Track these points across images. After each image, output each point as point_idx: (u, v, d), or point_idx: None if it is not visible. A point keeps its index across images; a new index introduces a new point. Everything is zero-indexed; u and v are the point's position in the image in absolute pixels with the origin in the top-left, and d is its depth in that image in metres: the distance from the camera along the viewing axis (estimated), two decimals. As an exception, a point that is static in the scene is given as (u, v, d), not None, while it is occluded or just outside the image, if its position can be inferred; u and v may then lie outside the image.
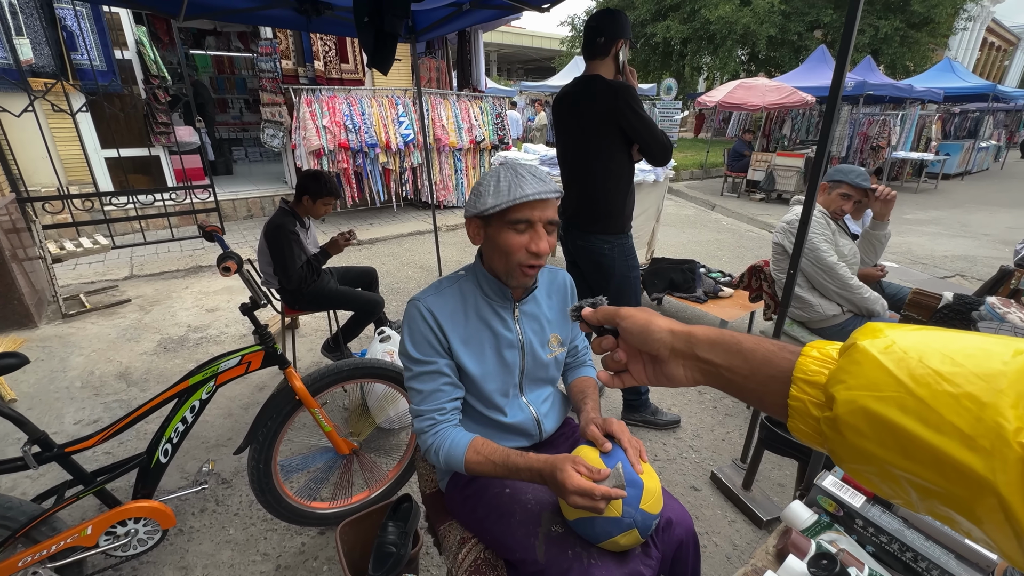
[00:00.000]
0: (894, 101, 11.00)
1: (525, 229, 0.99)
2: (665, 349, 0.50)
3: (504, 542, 1.01)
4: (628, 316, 0.54)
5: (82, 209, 4.46)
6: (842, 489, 0.68)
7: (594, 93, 1.93)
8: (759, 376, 0.42)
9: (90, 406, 2.55)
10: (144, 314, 3.68)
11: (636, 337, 0.52)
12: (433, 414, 1.04)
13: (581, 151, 2.05)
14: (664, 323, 0.51)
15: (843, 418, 0.32)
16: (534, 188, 0.96)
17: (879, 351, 0.32)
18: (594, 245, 2.09)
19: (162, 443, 1.46)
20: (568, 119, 2.07)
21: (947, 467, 0.28)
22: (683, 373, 0.49)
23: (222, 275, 1.37)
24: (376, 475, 1.93)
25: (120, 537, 1.42)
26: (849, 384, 0.33)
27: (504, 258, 1.01)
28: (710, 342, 0.46)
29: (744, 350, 0.44)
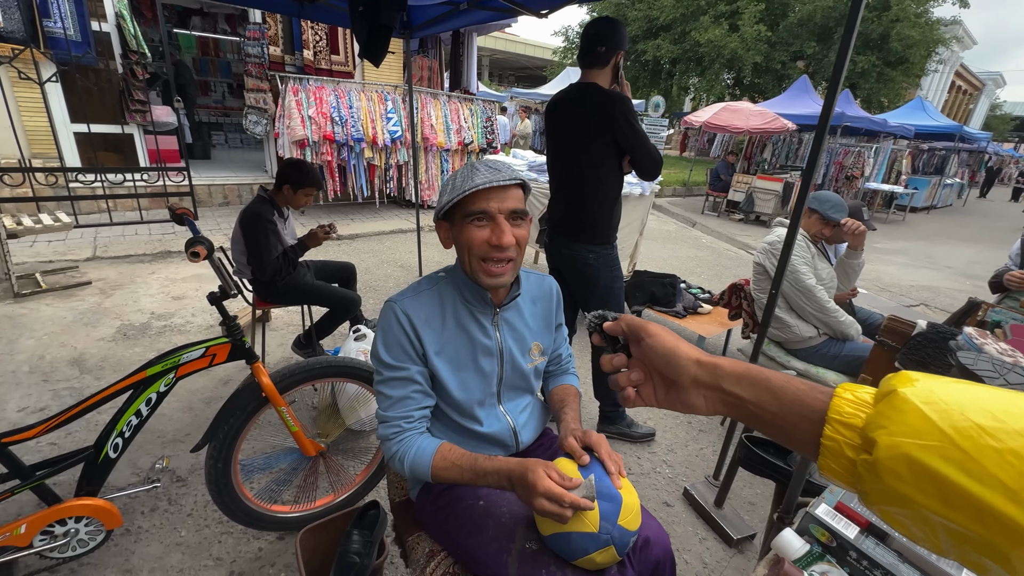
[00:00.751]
0: (869, 134, 11.45)
1: (485, 223, 0.95)
2: (687, 378, 0.50)
3: (475, 557, 0.96)
4: (655, 334, 0.53)
5: (45, 184, 4.22)
6: (835, 519, 0.66)
7: (590, 101, 1.90)
8: (789, 415, 0.42)
9: (37, 393, 2.39)
10: (105, 298, 3.49)
11: (659, 358, 0.52)
12: (400, 421, 1.00)
13: (572, 158, 2.02)
14: (691, 352, 0.51)
15: (884, 463, 0.33)
16: (484, 177, 0.92)
17: (921, 401, 0.34)
18: (579, 254, 2.07)
19: (112, 437, 1.36)
20: (561, 126, 2.04)
21: (988, 517, 0.29)
22: (703, 403, 0.50)
23: (190, 260, 1.29)
24: (343, 479, 1.85)
25: (58, 537, 1.32)
26: (891, 430, 0.34)
27: (468, 256, 0.97)
28: (737, 376, 0.47)
29: (773, 387, 0.44)
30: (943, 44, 15.08)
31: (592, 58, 1.92)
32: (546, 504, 0.81)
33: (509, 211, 0.94)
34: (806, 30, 14.00)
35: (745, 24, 13.35)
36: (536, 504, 0.82)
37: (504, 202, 0.94)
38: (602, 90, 1.89)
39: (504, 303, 1.07)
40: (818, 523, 0.66)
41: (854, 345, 2.19)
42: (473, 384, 1.05)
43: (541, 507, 0.81)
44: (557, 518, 0.82)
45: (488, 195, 0.93)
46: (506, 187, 0.94)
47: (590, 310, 2.15)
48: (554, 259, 2.22)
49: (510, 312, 1.10)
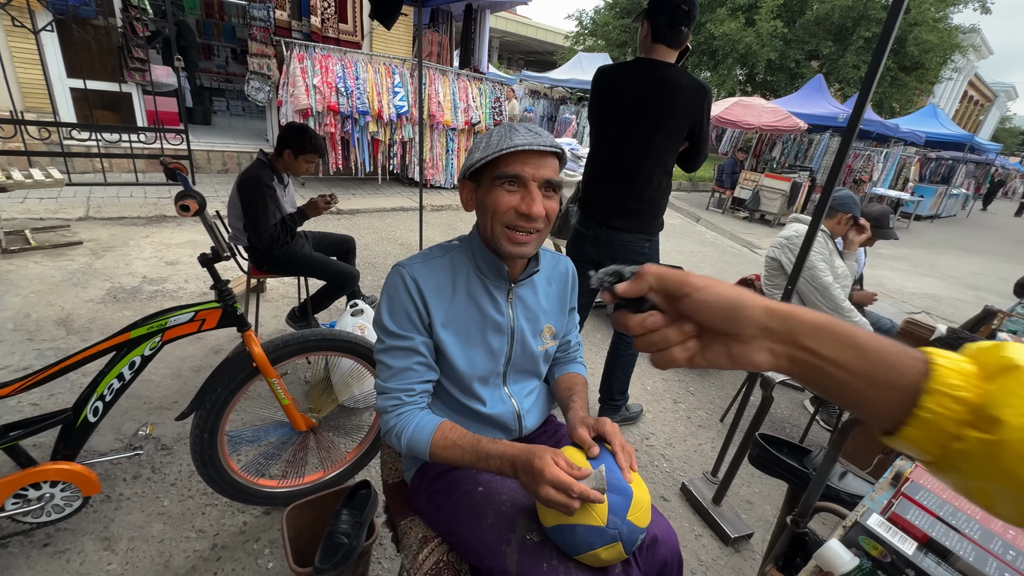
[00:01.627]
0: (879, 138, 11.32)
1: (516, 188, 0.87)
2: (754, 328, 0.42)
3: (472, 546, 0.90)
4: (705, 287, 0.43)
5: (38, 138, 4.08)
6: (890, 531, 0.60)
7: (677, 86, 1.74)
8: (874, 377, 0.37)
9: (21, 351, 2.31)
10: (96, 259, 3.40)
11: (718, 313, 0.43)
12: (400, 394, 0.93)
13: (640, 142, 1.83)
14: (758, 300, 0.43)
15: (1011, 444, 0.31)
16: (524, 139, 0.85)
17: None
18: (634, 244, 1.94)
19: (92, 400, 1.29)
20: (627, 104, 1.82)
21: None
22: (767, 359, 0.42)
23: (179, 214, 1.21)
24: (333, 456, 1.80)
25: (32, 502, 1.26)
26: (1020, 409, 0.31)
27: (491, 221, 0.90)
28: (816, 327, 0.40)
29: (859, 345, 0.38)
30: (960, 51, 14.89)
31: (672, 35, 1.75)
32: (553, 493, 0.75)
33: (543, 180, 0.87)
34: (823, 29, 13.77)
35: (762, 19, 13.10)
36: (542, 492, 0.76)
37: (540, 169, 0.87)
38: (690, 75, 1.76)
39: (520, 278, 1.00)
40: (870, 535, 0.60)
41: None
42: (479, 360, 0.99)
43: (547, 496, 0.75)
44: (563, 509, 0.76)
45: (525, 159, 0.86)
46: (544, 154, 0.87)
47: None
48: (592, 246, 2.01)
49: (525, 289, 1.02)
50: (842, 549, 0.57)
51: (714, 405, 2.72)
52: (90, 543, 1.48)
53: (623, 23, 16.09)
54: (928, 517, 0.62)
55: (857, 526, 0.62)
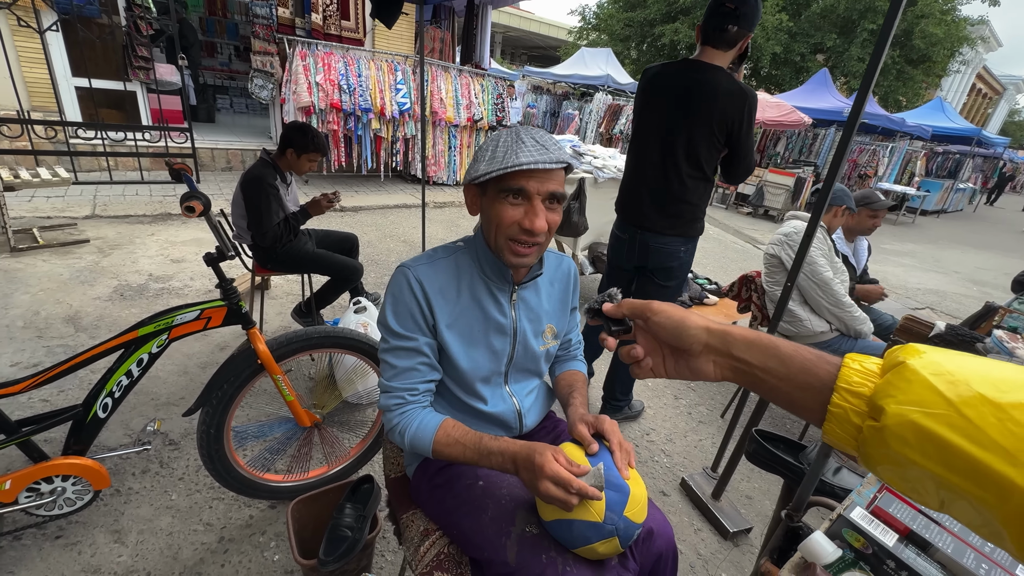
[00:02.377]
0: (884, 132, 11.24)
1: (520, 201, 0.87)
2: (699, 345, 0.52)
3: (472, 539, 0.92)
4: (661, 311, 0.55)
5: (44, 138, 4.12)
6: (872, 524, 0.61)
7: (717, 89, 1.70)
8: (795, 381, 0.44)
9: (31, 348, 2.35)
10: (102, 257, 3.44)
11: (668, 332, 0.54)
12: (404, 393, 0.95)
13: (678, 146, 1.81)
14: (699, 320, 0.53)
15: (891, 429, 0.36)
16: (531, 156, 0.84)
17: (930, 373, 0.36)
18: (671, 247, 1.93)
19: (101, 396, 1.32)
20: (669, 106, 1.80)
21: (984, 477, 0.32)
22: (712, 369, 0.51)
23: (185, 215, 1.23)
24: (337, 451, 1.83)
25: (44, 495, 1.29)
26: (899, 399, 0.36)
27: (494, 232, 0.91)
28: (747, 342, 0.49)
29: (782, 355, 0.46)
30: (968, 43, 14.72)
31: (719, 36, 1.70)
32: (552, 489, 0.77)
33: (547, 193, 0.87)
34: (828, 22, 13.64)
35: (767, 12, 12.99)
36: (541, 488, 0.78)
37: (545, 183, 0.86)
38: (733, 79, 1.71)
39: (524, 281, 1.01)
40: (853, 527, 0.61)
41: (865, 343, 2.15)
42: (482, 360, 1.00)
43: (546, 492, 0.77)
44: (562, 505, 0.78)
45: (530, 174, 0.86)
46: (550, 169, 0.86)
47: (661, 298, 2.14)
48: (629, 250, 2.03)
49: (528, 291, 1.04)
50: (825, 541, 0.58)
51: (715, 401, 2.74)
52: (101, 536, 1.52)
53: (627, 16, 15.99)
54: (910, 510, 0.63)
55: (841, 519, 0.64)
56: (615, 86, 11.76)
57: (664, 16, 14.99)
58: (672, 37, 14.37)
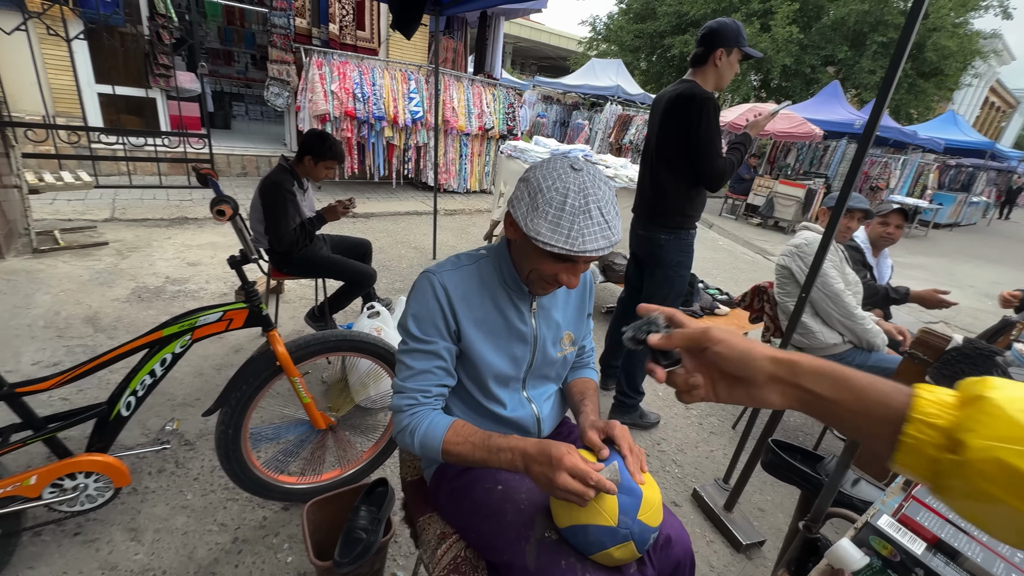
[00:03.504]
0: (896, 145, 11.18)
1: (565, 263, 0.89)
2: (763, 376, 0.51)
3: (491, 543, 0.93)
4: (722, 341, 0.53)
5: (67, 142, 4.22)
6: (899, 532, 0.61)
7: (675, 96, 1.99)
8: (872, 414, 0.43)
9: (52, 348, 2.40)
10: (121, 259, 3.50)
11: (731, 363, 0.52)
12: (417, 394, 0.96)
13: (654, 148, 2.14)
14: (765, 351, 0.52)
15: (974, 464, 0.35)
16: (597, 243, 0.81)
17: (1016, 409, 0.35)
18: (653, 236, 2.18)
19: (125, 395, 1.35)
20: (653, 117, 2.17)
21: None
22: (779, 399, 0.51)
23: (216, 219, 1.26)
24: (350, 455, 1.84)
25: (67, 491, 1.31)
26: (981, 434, 0.36)
27: (529, 271, 0.94)
28: (815, 372, 0.48)
29: (855, 387, 0.45)
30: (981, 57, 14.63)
31: (693, 58, 2.03)
32: (570, 481, 0.76)
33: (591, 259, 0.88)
34: (839, 34, 13.64)
35: (777, 24, 13.03)
36: (559, 480, 0.77)
37: (594, 254, 0.84)
38: (689, 87, 1.95)
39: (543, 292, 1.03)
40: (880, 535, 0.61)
41: (880, 356, 2.13)
42: (502, 367, 1.02)
43: (564, 483, 0.77)
44: (578, 499, 0.77)
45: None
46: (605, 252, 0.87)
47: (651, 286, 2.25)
48: (632, 242, 2.38)
49: (547, 299, 1.06)
50: (853, 548, 0.59)
51: (726, 412, 2.72)
52: (118, 533, 1.54)
53: (637, 28, 16.10)
54: (937, 519, 0.63)
55: (868, 526, 0.64)
56: (625, 97, 11.82)
57: (674, 28, 15.08)
58: (682, 49, 14.44)
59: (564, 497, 0.79)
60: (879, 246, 2.56)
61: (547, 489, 0.81)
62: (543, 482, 0.81)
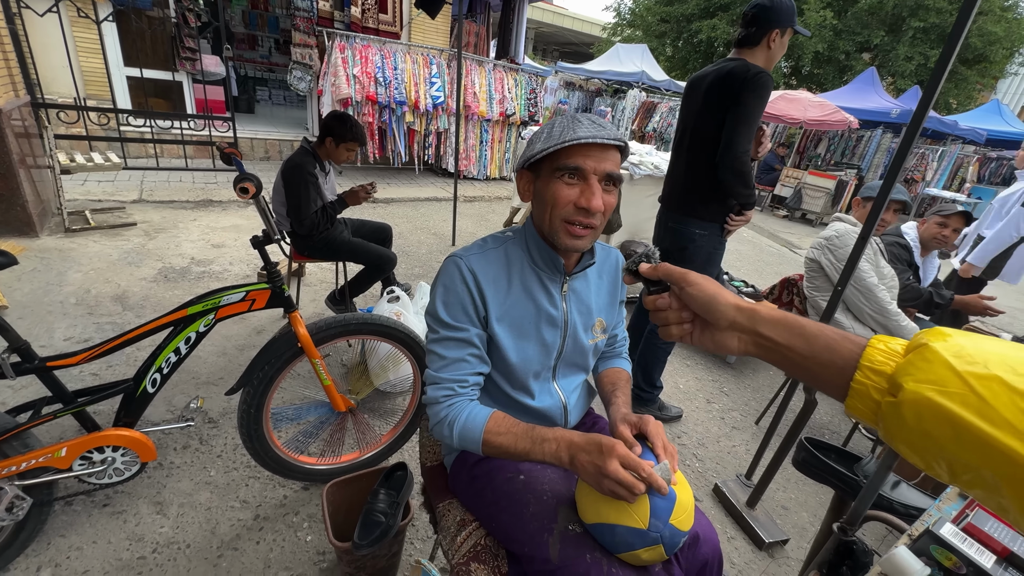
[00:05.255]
0: (934, 136, 10.68)
1: (576, 181, 0.86)
2: (725, 321, 0.54)
3: (512, 534, 0.91)
4: (695, 283, 0.57)
5: (97, 124, 4.30)
6: (965, 542, 0.57)
7: (715, 75, 1.86)
8: (819, 359, 0.47)
9: (82, 324, 2.46)
10: (148, 240, 3.57)
11: (699, 304, 0.56)
12: (453, 384, 0.92)
13: (695, 131, 1.98)
14: (731, 298, 0.55)
15: (908, 404, 0.38)
16: (588, 131, 0.84)
17: (950, 354, 0.38)
18: (686, 230, 2.04)
19: (151, 372, 1.36)
20: (696, 99, 1.97)
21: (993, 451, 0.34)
22: (737, 344, 0.54)
23: (239, 196, 1.26)
24: (368, 437, 1.85)
25: (96, 464, 1.34)
26: (917, 377, 0.38)
27: (550, 213, 0.89)
28: (773, 321, 0.51)
29: (807, 333, 0.49)
30: (1030, 43, 13.83)
31: (738, 37, 1.89)
32: (621, 472, 0.73)
33: (604, 173, 0.86)
34: (876, 19, 13.03)
35: (810, 9, 12.52)
36: (609, 468, 0.73)
37: (601, 162, 0.85)
38: (734, 65, 1.81)
39: (575, 271, 0.99)
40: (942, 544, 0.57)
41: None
42: (532, 354, 0.98)
43: (615, 473, 0.73)
44: (627, 492, 0.73)
45: (587, 151, 0.85)
46: (607, 147, 0.86)
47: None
48: (660, 236, 2.23)
49: (579, 282, 1.02)
50: (912, 557, 0.54)
51: (749, 407, 2.66)
52: (144, 506, 1.58)
53: (663, 11, 15.66)
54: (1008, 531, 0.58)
55: (928, 534, 0.59)
56: (650, 83, 11.54)
57: (702, 11, 14.61)
58: (709, 33, 13.99)
59: (611, 488, 0.74)
60: (930, 247, 2.41)
61: (594, 480, 0.76)
62: (591, 472, 0.76)
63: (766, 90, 1.77)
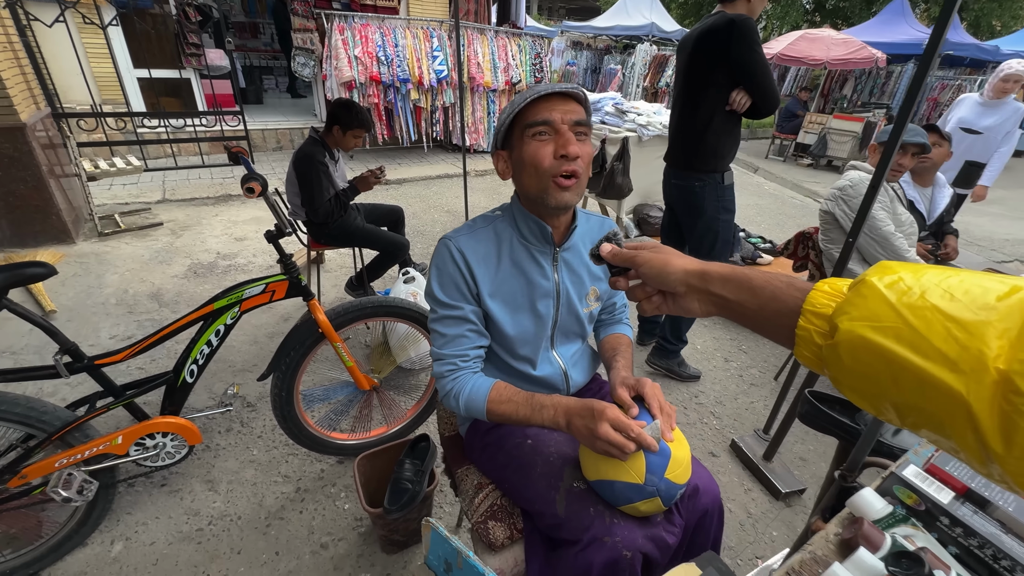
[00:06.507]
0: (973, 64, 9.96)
1: (549, 135, 0.89)
2: (682, 286, 0.53)
3: (523, 493, 0.98)
4: (645, 261, 0.57)
5: (115, 129, 4.44)
6: (926, 481, 0.60)
7: (707, 28, 1.89)
8: (767, 311, 0.45)
9: (124, 322, 2.63)
10: (175, 238, 3.73)
11: (653, 279, 0.56)
12: (455, 359, 0.99)
13: (685, 87, 2.03)
14: (679, 262, 0.54)
15: (843, 345, 0.36)
16: (550, 88, 0.89)
17: (885, 286, 0.35)
18: (688, 184, 2.10)
19: (188, 364, 1.48)
20: (683, 58, 2.04)
21: (929, 388, 0.31)
22: (698, 306, 0.53)
23: (245, 196, 1.32)
24: (395, 412, 1.95)
25: (149, 449, 1.48)
26: (852, 315, 0.36)
27: (534, 174, 0.91)
28: (723, 278, 0.50)
29: (754, 287, 0.47)
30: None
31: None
32: (611, 433, 0.78)
33: (573, 121, 0.89)
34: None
35: (835, -65, 11.61)
36: (600, 431, 0.79)
37: (567, 113, 0.89)
38: (724, 15, 1.84)
39: (563, 241, 1.02)
40: (905, 485, 0.60)
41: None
42: (527, 325, 1.04)
43: (605, 435, 0.78)
44: (618, 452, 0.79)
45: (551, 104, 0.89)
46: (568, 97, 0.90)
47: (693, 240, 2.17)
48: (666, 193, 2.30)
49: (570, 253, 1.05)
50: (874, 496, 0.58)
51: (768, 364, 2.66)
52: (197, 484, 1.73)
53: (672, -43, 14.80)
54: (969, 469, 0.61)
55: (893, 476, 0.63)
56: (660, 35, 11.04)
57: (715, -49, 13.74)
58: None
59: (604, 449, 0.80)
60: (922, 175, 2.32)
61: (587, 441, 0.83)
62: (585, 434, 0.82)
63: (752, 33, 1.79)
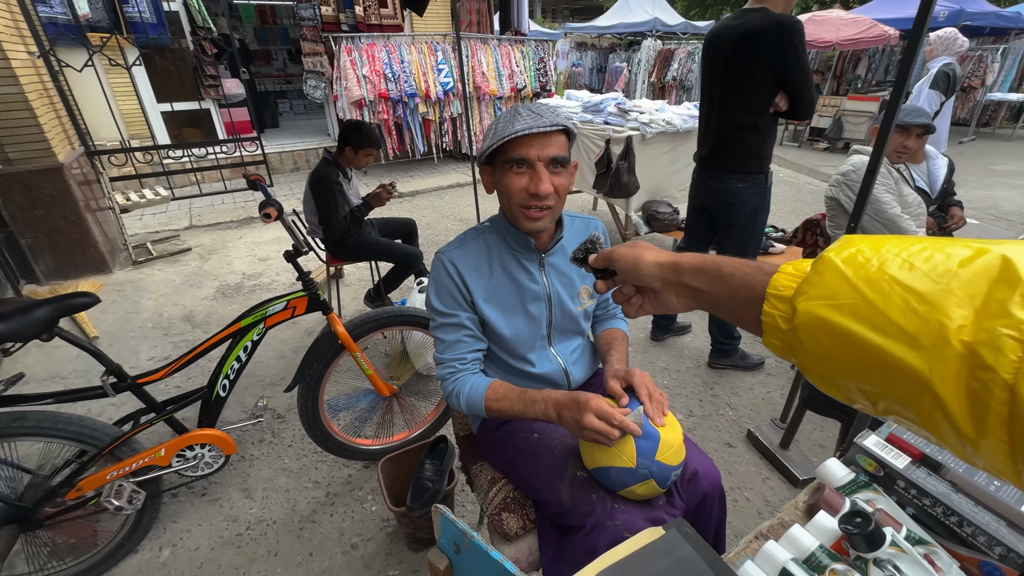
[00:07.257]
0: (995, 32, 9.58)
1: (524, 170, 0.95)
2: (657, 281, 0.51)
3: (531, 484, 1.04)
4: (620, 258, 0.56)
5: (143, 162, 4.70)
6: (884, 449, 0.64)
7: (754, 29, 1.81)
8: (738, 299, 0.42)
9: (161, 344, 2.79)
10: (204, 262, 3.92)
11: (629, 276, 0.54)
12: (454, 363, 1.07)
13: (724, 88, 1.96)
14: (652, 256, 0.52)
15: (802, 328, 0.33)
16: (525, 123, 0.90)
17: (842, 260, 0.32)
18: (729, 186, 2.07)
19: (220, 379, 1.59)
20: (714, 54, 1.96)
21: (891, 369, 0.28)
22: (676, 301, 0.51)
23: (263, 221, 1.42)
24: (415, 417, 2.03)
25: (189, 460, 1.59)
26: (809, 295, 0.33)
27: (507, 202, 0.99)
28: (694, 269, 0.47)
29: (723, 275, 0.44)
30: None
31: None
32: (595, 422, 0.84)
33: (548, 159, 0.94)
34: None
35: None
36: (585, 421, 0.85)
37: (544, 149, 0.93)
38: (770, 15, 1.79)
39: (549, 248, 1.09)
40: (866, 453, 0.64)
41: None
42: (523, 327, 1.10)
43: (590, 424, 0.84)
44: (604, 439, 0.85)
45: (529, 142, 0.92)
46: (547, 134, 0.93)
47: (729, 239, 2.17)
48: (699, 195, 2.24)
49: (555, 257, 1.11)
50: (837, 465, 0.62)
51: (784, 352, 2.65)
52: (235, 493, 1.84)
53: (673, -50, 14.69)
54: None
55: (855, 446, 0.67)
56: (664, 29, 10.98)
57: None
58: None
59: (592, 437, 0.87)
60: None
61: (576, 431, 0.89)
62: (572, 425, 0.89)
63: (800, 37, 1.77)
